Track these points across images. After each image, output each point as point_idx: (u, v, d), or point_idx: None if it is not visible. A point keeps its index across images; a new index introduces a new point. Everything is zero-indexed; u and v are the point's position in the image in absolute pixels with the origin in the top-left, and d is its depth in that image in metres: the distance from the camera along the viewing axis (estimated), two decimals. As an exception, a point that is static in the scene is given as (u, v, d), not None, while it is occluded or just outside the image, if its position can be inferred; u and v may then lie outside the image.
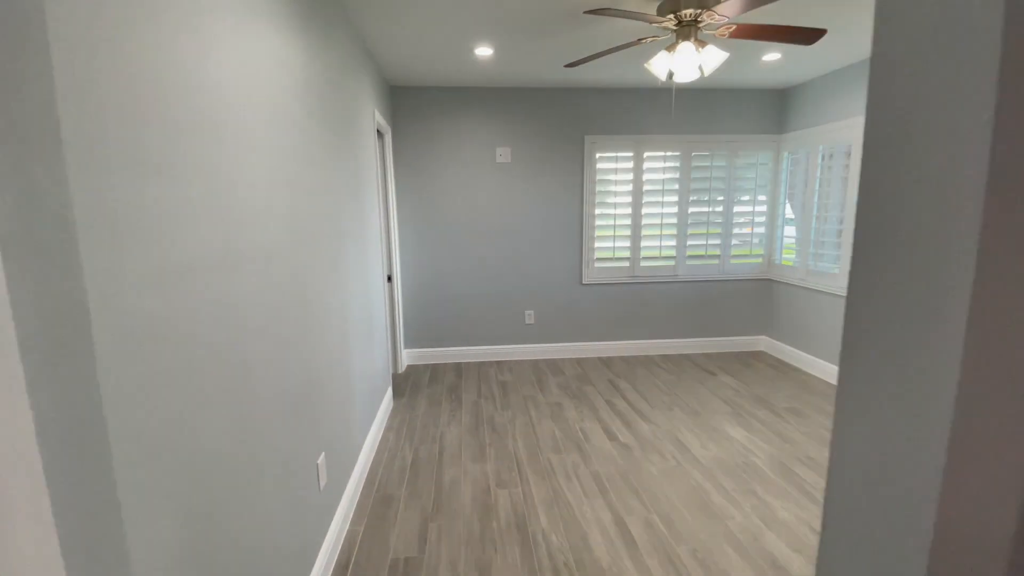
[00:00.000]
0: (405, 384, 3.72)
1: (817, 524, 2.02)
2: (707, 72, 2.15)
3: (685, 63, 2.10)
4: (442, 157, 3.94)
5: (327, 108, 2.00)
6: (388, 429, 2.95)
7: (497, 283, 4.15)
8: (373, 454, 2.64)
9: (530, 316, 4.22)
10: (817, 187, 3.78)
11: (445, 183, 3.98)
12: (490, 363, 4.19)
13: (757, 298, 4.42)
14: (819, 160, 3.75)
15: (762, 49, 3.06)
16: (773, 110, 4.15)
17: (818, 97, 3.72)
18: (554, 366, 4.08)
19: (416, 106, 3.87)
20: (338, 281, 2.06)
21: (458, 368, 4.08)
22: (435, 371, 4.01)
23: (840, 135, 3.51)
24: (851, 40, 2.93)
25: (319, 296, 1.80)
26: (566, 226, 4.12)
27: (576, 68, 3.39)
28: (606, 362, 4.17)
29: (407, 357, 4.19)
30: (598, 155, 4.05)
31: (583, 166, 4.05)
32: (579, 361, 4.20)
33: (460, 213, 4.03)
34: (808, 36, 2.16)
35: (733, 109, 4.10)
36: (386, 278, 3.71)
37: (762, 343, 4.49)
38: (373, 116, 3.01)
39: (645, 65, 2.20)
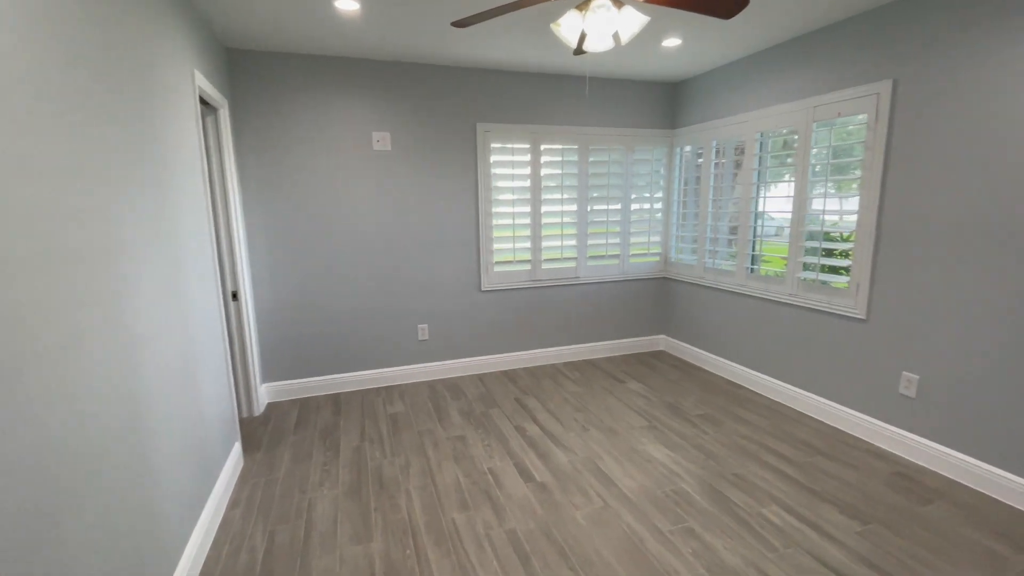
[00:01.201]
0: (263, 431, 2.92)
1: (764, 564, 1.77)
2: (624, 39, 1.78)
3: (599, 24, 1.71)
4: (304, 141, 3.19)
5: (86, 49, 1.25)
6: (233, 505, 2.20)
7: (381, 295, 3.51)
8: (208, 550, 1.89)
9: (423, 331, 3.64)
10: (712, 184, 3.72)
11: (309, 174, 3.23)
12: (377, 390, 3.53)
13: (655, 297, 4.33)
14: (712, 156, 3.70)
15: (663, 32, 2.83)
16: (666, 104, 4.05)
17: (710, 92, 3.66)
18: (454, 387, 3.56)
19: (265, 76, 3.07)
20: (108, 316, 1.33)
21: (336, 401, 3.36)
22: (305, 408, 3.26)
23: (732, 131, 3.47)
24: (748, 32, 2.82)
25: (70, 341, 1.08)
26: (461, 226, 3.61)
27: (467, 45, 2.89)
28: (511, 376, 3.75)
29: (266, 394, 3.37)
30: (492, 145, 3.59)
31: (476, 158, 3.57)
32: (481, 378, 3.73)
33: (330, 211, 3.31)
34: (728, 8, 1.89)
35: (628, 102, 3.91)
36: (229, 296, 2.88)
37: (661, 343, 4.42)
38: (193, 81, 2.22)
39: (552, 26, 1.79)
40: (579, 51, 2.12)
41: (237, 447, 2.50)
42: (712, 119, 3.67)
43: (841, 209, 2.80)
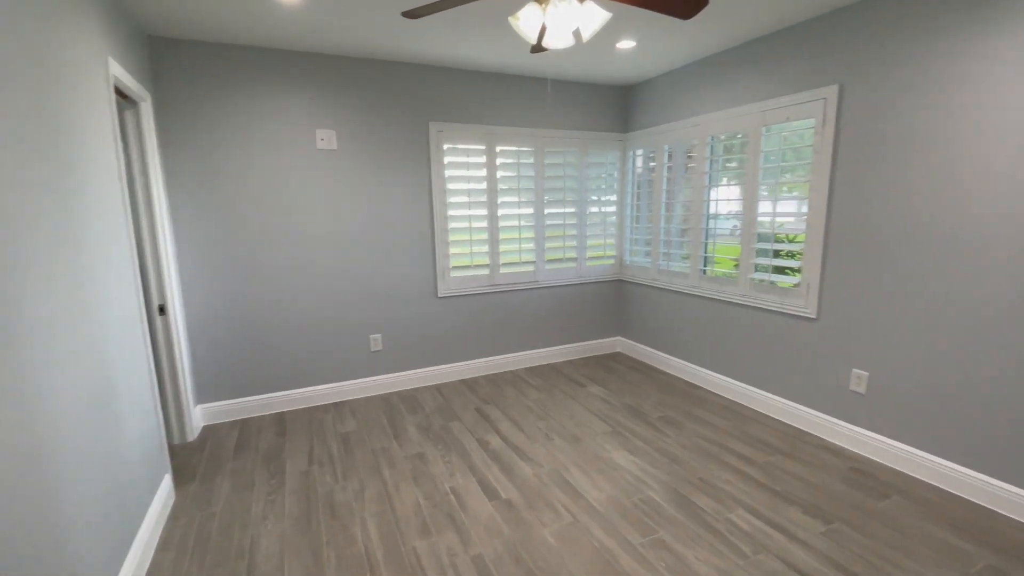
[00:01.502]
0: (197, 459, 2.65)
1: (736, 573, 1.74)
2: (586, 36, 1.71)
3: (560, 18, 1.63)
4: (240, 139, 2.93)
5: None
6: (164, 547, 1.94)
7: (330, 304, 3.28)
8: (130, 604, 1.65)
9: (376, 341, 3.45)
10: (664, 187, 3.76)
11: (246, 174, 2.97)
12: (326, 407, 3.30)
13: (611, 300, 4.33)
14: (664, 160, 3.73)
15: (618, 33, 2.80)
16: (619, 107, 4.05)
17: (662, 95, 3.69)
18: (410, 400, 3.38)
19: (195, 67, 2.79)
20: (-2, 349, 1.10)
21: (281, 421, 3.11)
22: (246, 430, 2.99)
23: (684, 134, 3.50)
24: (701, 35, 2.84)
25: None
26: (415, 230, 3.44)
27: (419, 41, 2.75)
28: (470, 385, 3.62)
29: (201, 416, 3.07)
30: (446, 146, 3.45)
31: (430, 158, 3.42)
32: (440, 388, 3.57)
33: (271, 215, 3.06)
34: (688, 8, 1.86)
35: (582, 104, 3.89)
36: (155, 310, 2.59)
37: (618, 344, 4.43)
38: (107, 69, 1.95)
39: (511, 20, 1.69)
40: (537, 48, 2.04)
41: (167, 480, 2.23)
42: (664, 123, 3.70)
43: (791, 211, 2.87)
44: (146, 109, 2.51)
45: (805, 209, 2.76)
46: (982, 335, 2.09)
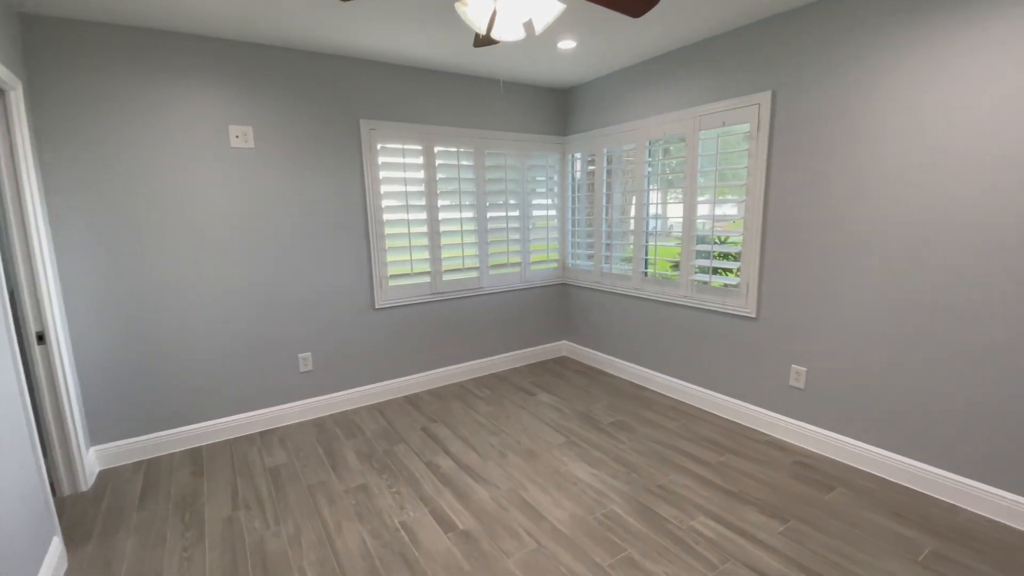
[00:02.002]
0: (94, 512, 2.23)
1: (707, 585, 1.70)
2: (539, 28, 1.59)
3: (513, 6, 1.50)
4: (136, 135, 2.52)
5: None
6: (42, 636, 1.58)
7: (250, 321, 2.93)
8: None
9: (306, 360, 3.13)
10: (604, 190, 3.75)
11: (144, 175, 2.57)
12: (251, 438, 2.94)
13: (556, 304, 4.28)
14: (604, 163, 3.72)
15: (559, 33, 2.73)
16: (558, 110, 4.01)
17: (601, 99, 3.68)
18: (348, 423, 3.10)
19: (80, 51, 2.36)
20: None
21: (197, 457, 2.72)
22: (155, 472, 2.58)
23: (623, 138, 3.51)
24: (640, 38, 2.84)
25: None
26: (347, 236, 3.17)
27: (349, 31, 2.50)
28: (415, 402, 3.40)
29: (97, 460, 2.61)
30: (380, 146, 3.21)
31: (362, 159, 3.16)
32: (381, 408, 3.31)
33: (177, 222, 2.67)
34: (639, 6, 1.80)
35: (522, 106, 3.80)
36: (32, 338, 2.16)
37: (564, 348, 4.39)
38: (-56, 44, 1.55)
39: (458, 6, 1.54)
40: (484, 41, 1.90)
41: (56, 543, 1.83)
42: (603, 126, 3.69)
43: (729, 214, 2.95)
44: (16, 99, 2.07)
45: (742, 211, 2.84)
46: (905, 327, 2.22)
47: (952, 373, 2.11)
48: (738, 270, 2.91)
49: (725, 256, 3.24)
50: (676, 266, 3.56)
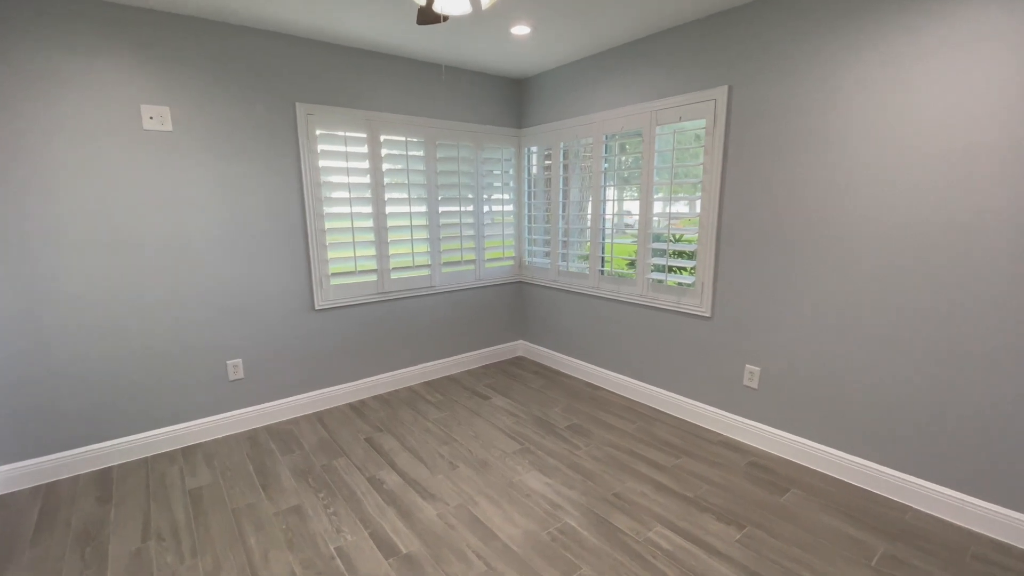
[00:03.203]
0: (-35, 555, 1.90)
1: (665, 604, 1.61)
2: (486, 3, 1.43)
3: (459, -20, 1.34)
4: (25, 113, 2.17)
5: None
6: None
7: (169, 326, 2.62)
8: None
9: (236, 367, 2.85)
10: (561, 186, 3.64)
11: (38, 162, 2.22)
12: (171, 455, 2.65)
13: (512, 303, 4.14)
14: (560, 157, 3.61)
15: (513, 15, 2.57)
16: (513, 101, 3.85)
17: (557, 91, 3.55)
18: (284, 435, 2.85)
19: (-66, 9, 1.99)
20: None
21: (105, 480, 2.41)
22: (54, 498, 2.25)
23: (579, 131, 3.40)
24: (596, 27, 2.72)
25: None
26: (284, 232, 2.90)
27: (276, 4, 2.25)
28: (359, 409, 3.17)
29: (-23, 489, 2.26)
30: (319, 132, 2.95)
31: (299, 146, 2.89)
32: (321, 418, 3.07)
33: (77, 213, 2.34)
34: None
35: (475, 96, 3.61)
36: None
37: (520, 348, 4.26)
38: None
39: (394, -25, 1.36)
40: (427, 16, 1.71)
41: (-102, 603, 1.52)
42: (559, 119, 3.57)
43: (685, 211, 2.89)
44: None
45: (697, 209, 2.79)
46: (856, 327, 2.22)
47: (903, 372, 2.12)
48: (693, 268, 2.87)
49: (681, 255, 3.20)
50: (633, 264, 3.50)
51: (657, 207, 3.00)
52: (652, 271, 3.09)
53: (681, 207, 2.91)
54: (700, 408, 2.90)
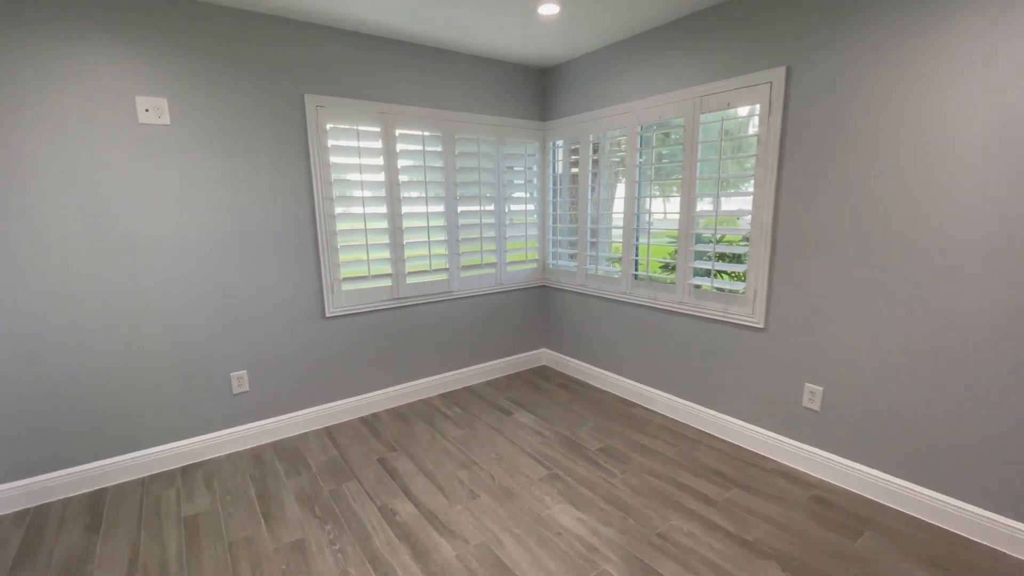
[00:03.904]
0: (-67, 594, 1.72)
1: None
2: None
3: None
4: (8, 109, 1.99)
5: None
6: None
7: (169, 335, 2.43)
8: None
9: (240, 380, 2.64)
10: (590, 183, 3.35)
11: (24, 157, 2.04)
12: (170, 475, 2.44)
13: (535, 308, 3.87)
14: (589, 151, 3.32)
15: (544, -6, 2.30)
16: (537, 93, 3.58)
17: (586, 79, 3.27)
18: (291, 454, 2.63)
19: (-92, -10, 1.81)
20: None
21: (98, 503, 2.21)
22: (40, 525, 2.06)
23: (611, 123, 3.12)
24: (632, 5, 2.43)
25: None
26: (292, 233, 2.68)
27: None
28: (372, 425, 2.94)
29: (-44, 514, 2.08)
30: (330, 126, 2.73)
31: (308, 141, 2.67)
32: (331, 433, 2.84)
33: (69, 213, 2.15)
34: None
35: (497, 86, 3.36)
36: None
37: (543, 357, 3.98)
38: None
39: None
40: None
41: None
42: (588, 110, 3.29)
43: (734, 210, 2.58)
44: None
45: (750, 207, 2.48)
46: (948, 346, 1.89)
47: (997, 398, 1.78)
48: (743, 274, 2.55)
49: (729, 258, 2.88)
50: (669, 268, 3.20)
51: (701, 204, 2.69)
52: (695, 276, 2.79)
53: (730, 204, 2.60)
54: (751, 431, 2.59)
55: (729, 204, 2.60)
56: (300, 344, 2.79)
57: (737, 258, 3.12)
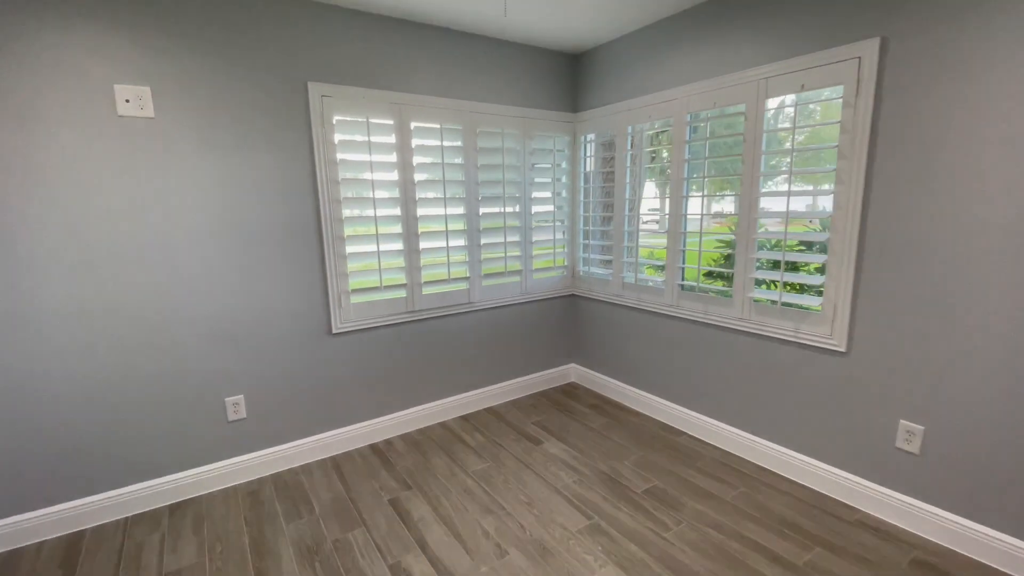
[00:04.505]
0: None
1: None
2: None
3: None
4: (-40, 97, 1.71)
5: None
6: None
7: (155, 356, 2.13)
8: None
9: (236, 406, 2.34)
10: (628, 180, 2.98)
11: (-22, 157, 1.76)
12: (157, 514, 2.15)
13: (563, 319, 3.50)
14: (627, 145, 2.95)
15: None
16: (567, 82, 3.22)
17: (625, 64, 2.90)
18: (292, 490, 2.31)
19: None
20: None
21: (73, 549, 1.93)
22: (12, 569, 1.79)
23: (654, 112, 2.74)
24: (692, -34, 2.06)
25: None
26: (293, 239, 2.37)
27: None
28: (383, 454, 2.61)
29: (-95, 569, 1.81)
30: (337, 119, 2.41)
31: (312, 136, 2.36)
32: (338, 464, 2.53)
33: (38, 221, 1.87)
34: None
35: (522, 75, 3.01)
36: None
37: (572, 373, 3.62)
38: None
39: None
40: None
41: None
42: (627, 98, 2.91)
43: (808, 211, 2.19)
44: None
45: (829, 207, 2.08)
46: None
47: None
48: (820, 287, 2.16)
49: (800, 267, 2.49)
50: (715, 276, 2.81)
51: (767, 204, 2.30)
52: (756, 287, 2.40)
53: (804, 204, 2.21)
54: (827, 472, 2.19)
55: (803, 203, 2.21)
56: (303, 364, 2.48)
57: (811, 268, 2.71)
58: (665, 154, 2.78)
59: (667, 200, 2.74)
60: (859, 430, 2.07)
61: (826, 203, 2.10)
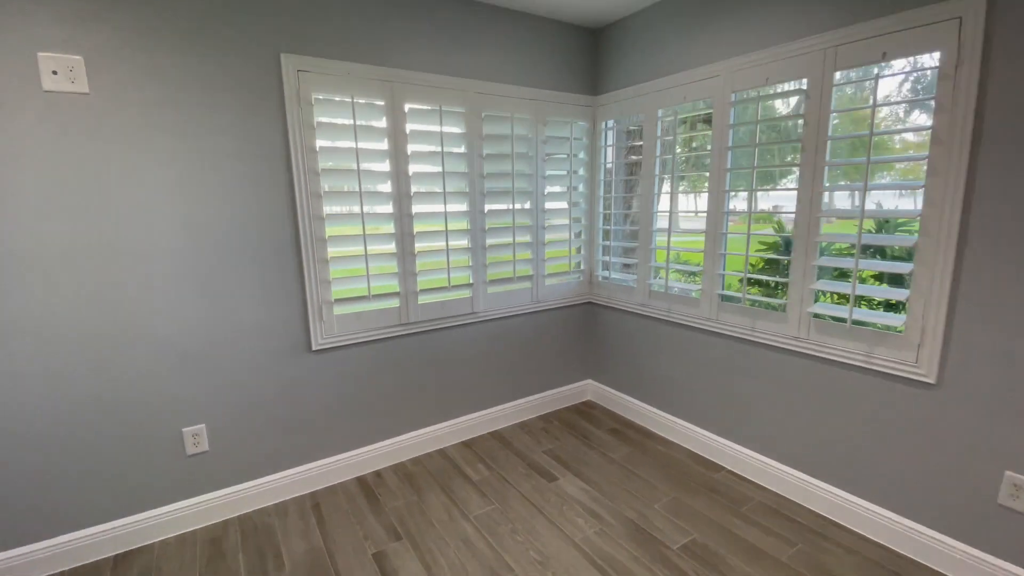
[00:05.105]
0: None
1: None
2: None
3: None
4: None
5: None
6: None
7: (97, 381, 1.78)
8: None
9: (196, 437, 1.98)
10: (656, 172, 2.59)
11: None
12: (97, 568, 1.80)
13: (579, 330, 3.12)
14: (657, 131, 2.55)
15: None
16: (586, 60, 2.83)
17: (650, 38, 2.50)
18: (259, 538, 1.95)
19: None
20: None
21: (-25, 627, 1.58)
22: None
23: (686, 93, 2.35)
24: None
25: None
26: (267, 242, 2.01)
27: None
28: (369, 490, 2.25)
29: None
30: (316, 98, 2.04)
31: (287, 119, 1.99)
32: (316, 502, 2.17)
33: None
34: None
35: (535, 52, 2.62)
36: None
37: (588, 391, 3.24)
38: None
39: None
40: None
41: None
42: (654, 77, 2.52)
43: (889, 210, 1.79)
44: None
45: (918, 205, 1.68)
46: None
47: None
48: (904, 303, 1.76)
49: (874, 279, 2.09)
50: (758, 284, 2.42)
51: (834, 199, 1.91)
52: (818, 301, 2.00)
53: (881, 200, 1.80)
54: (910, 530, 1.79)
55: (879, 200, 1.81)
56: (277, 386, 2.12)
57: (894, 279, 2.29)
58: (700, 142, 2.38)
59: (704, 196, 2.35)
60: (951, 480, 1.68)
61: (914, 200, 1.70)
